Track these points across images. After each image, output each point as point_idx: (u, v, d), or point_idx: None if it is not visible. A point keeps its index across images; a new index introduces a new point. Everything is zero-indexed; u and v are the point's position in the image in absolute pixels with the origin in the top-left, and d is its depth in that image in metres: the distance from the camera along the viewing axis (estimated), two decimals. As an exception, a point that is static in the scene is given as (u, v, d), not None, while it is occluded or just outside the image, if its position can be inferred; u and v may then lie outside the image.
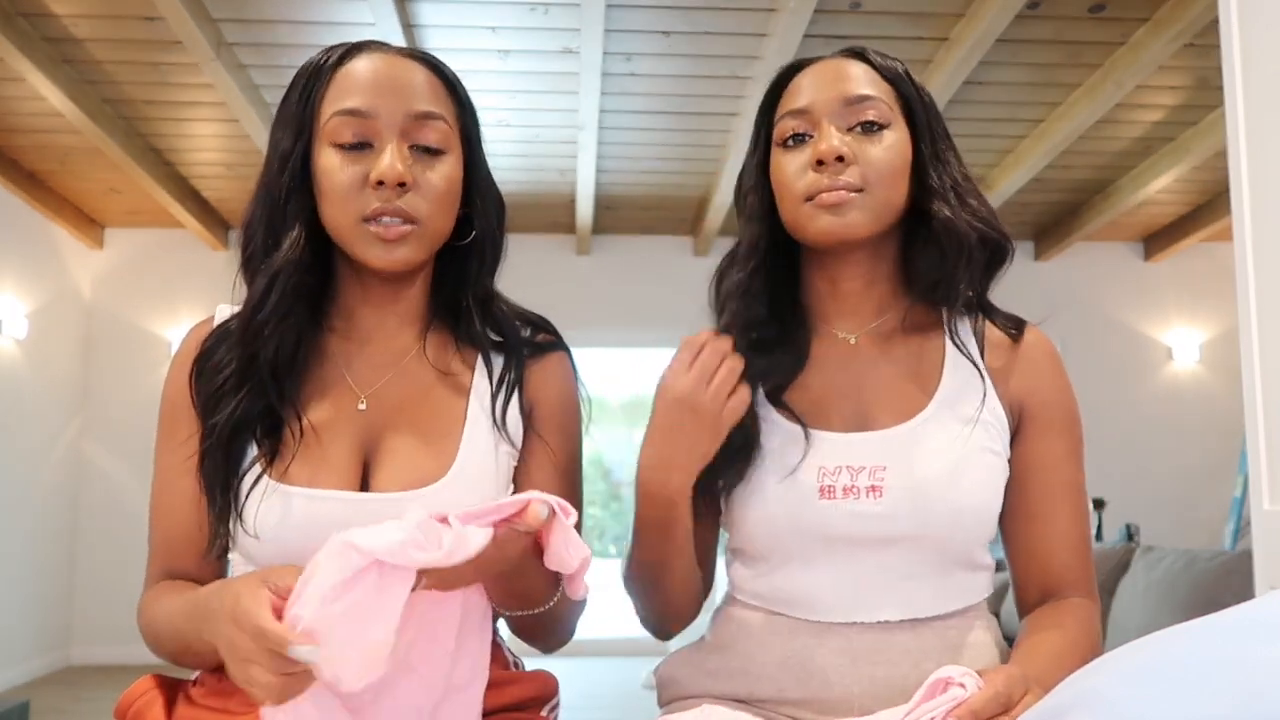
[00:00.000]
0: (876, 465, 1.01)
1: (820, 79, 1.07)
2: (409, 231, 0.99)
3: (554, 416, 1.11)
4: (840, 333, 1.10)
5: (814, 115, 1.04)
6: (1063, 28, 3.75)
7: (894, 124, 1.05)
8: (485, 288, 1.10)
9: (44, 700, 4.79)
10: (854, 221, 1.02)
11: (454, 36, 3.79)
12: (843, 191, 1.01)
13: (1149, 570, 3.38)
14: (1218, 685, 0.47)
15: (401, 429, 1.03)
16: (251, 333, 1.00)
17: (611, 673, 4.93)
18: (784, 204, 1.06)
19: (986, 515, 1.02)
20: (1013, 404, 1.06)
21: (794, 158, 1.05)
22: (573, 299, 6.02)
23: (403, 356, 1.07)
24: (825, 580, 1.02)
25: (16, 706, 2.80)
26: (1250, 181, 1.50)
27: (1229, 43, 1.54)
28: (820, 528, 1.01)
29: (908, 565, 1.01)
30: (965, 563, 1.03)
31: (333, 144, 0.99)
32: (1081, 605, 1.03)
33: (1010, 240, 1.07)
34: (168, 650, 0.99)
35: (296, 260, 1.00)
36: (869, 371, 1.08)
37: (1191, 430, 6.20)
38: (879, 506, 0.99)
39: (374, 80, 1.00)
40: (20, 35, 3.66)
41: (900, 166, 1.04)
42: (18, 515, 5.27)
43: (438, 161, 1.01)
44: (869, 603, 1.01)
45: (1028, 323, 1.11)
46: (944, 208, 1.04)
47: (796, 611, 1.03)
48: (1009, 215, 5.81)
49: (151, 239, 6.08)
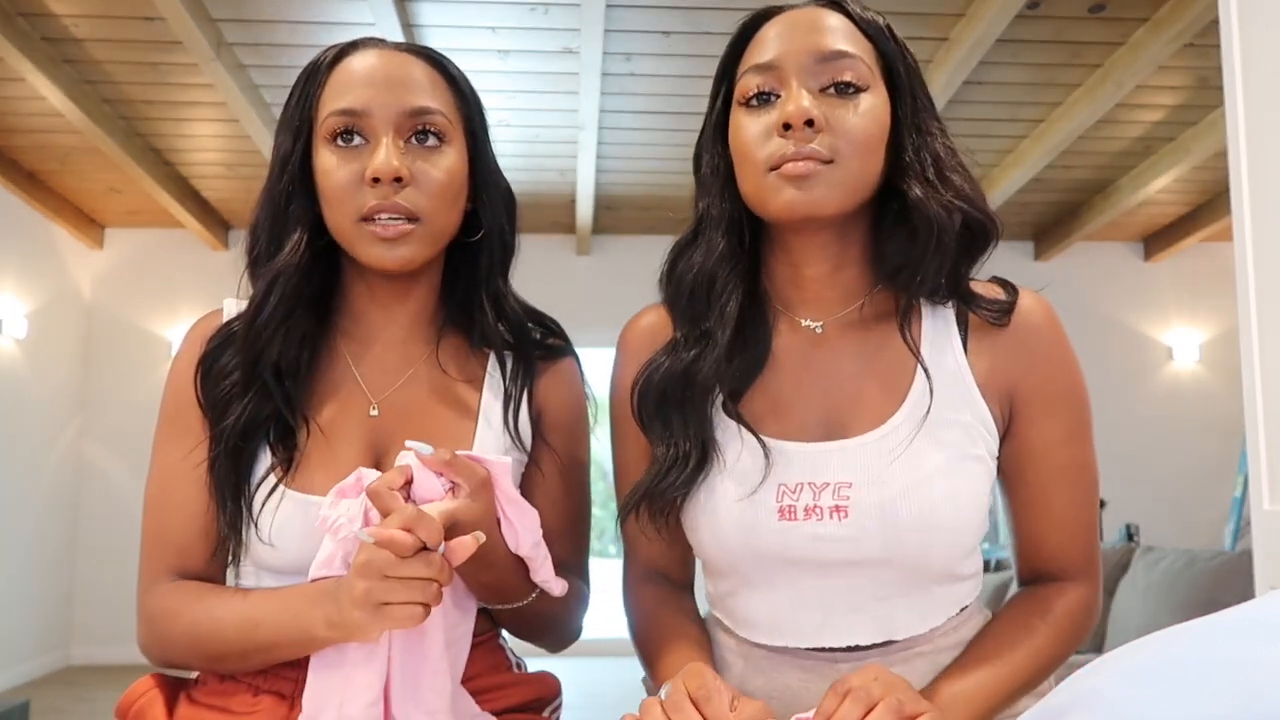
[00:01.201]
0: (841, 482, 0.91)
1: (790, 30, 0.93)
2: (409, 230, 0.96)
3: (562, 423, 1.10)
4: (805, 320, 0.98)
5: (782, 72, 0.91)
6: (1063, 28, 3.75)
7: (872, 87, 0.92)
8: (497, 285, 1.07)
9: (44, 700, 4.79)
10: (820, 197, 0.89)
11: (454, 36, 3.79)
12: (810, 162, 0.88)
13: (1149, 570, 3.38)
14: (1218, 685, 0.47)
15: (412, 436, 1.00)
16: (253, 336, 0.99)
17: (611, 673, 4.92)
18: (743, 172, 0.93)
19: (966, 530, 0.91)
20: (1000, 395, 0.95)
21: (757, 119, 0.91)
22: (573, 299, 6.00)
23: (415, 362, 1.06)
24: (785, 603, 0.94)
25: (16, 706, 2.80)
26: (1250, 181, 1.50)
27: (1229, 43, 1.54)
28: (779, 550, 0.91)
29: (877, 587, 0.92)
30: (944, 578, 0.94)
31: (329, 144, 0.98)
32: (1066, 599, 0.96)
33: (995, 221, 0.94)
34: (210, 654, 0.96)
35: (297, 263, 0.99)
36: (836, 368, 0.96)
37: (1191, 430, 6.20)
38: (843, 529, 0.89)
39: (368, 77, 0.98)
40: (20, 35, 3.66)
41: (876, 136, 0.91)
42: (18, 515, 5.28)
43: (436, 155, 0.99)
44: (836, 626, 0.93)
45: (1020, 292, 0.98)
46: (917, 185, 0.91)
47: (759, 636, 0.96)
48: (1009, 215, 5.82)
49: (151, 239, 6.08)
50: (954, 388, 0.94)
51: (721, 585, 1.00)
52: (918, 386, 0.94)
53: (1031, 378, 0.95)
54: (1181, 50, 3.79)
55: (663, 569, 1.07)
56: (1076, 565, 0.97)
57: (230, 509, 0.97)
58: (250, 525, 0.96)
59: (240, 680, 0.98)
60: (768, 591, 0.94)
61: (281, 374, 0.99)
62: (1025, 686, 0.92)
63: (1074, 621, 0.96)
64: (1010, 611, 0.97)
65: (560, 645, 1.11)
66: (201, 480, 0.99)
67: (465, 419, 1.04)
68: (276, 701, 0.96)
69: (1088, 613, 0.97)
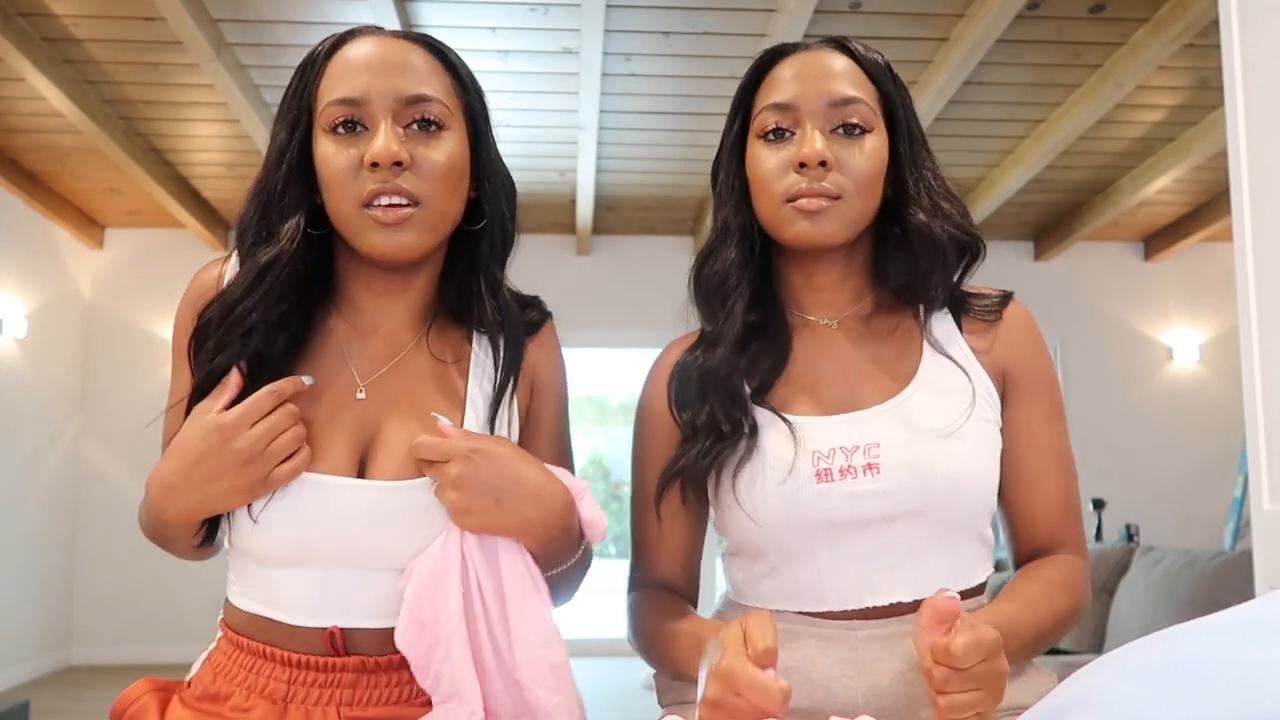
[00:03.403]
0: (870, 443, 1.00)
1: (805, 73, 1.05)
2: (410, 214, 0.96)
3: (550, 384, 1.13)
4: (821, 320, 1.11)
5: (798, 112, 1.04)
6: (1063, 28, 3.75)
7: (875, 128, 1.05)
8: (495, 275, 1.08)
9: (44, 700, 4.79)
10: (830, 231, 1.03)
11: (454, 36, 3.77)
12: (822, 199, 1.01)
13: (1149, 570, 3.38)
14: (1218, 685, 0.47)
15: (400, 418, 1.02)
16: (236, 319, 0.98)
17: (611, 673, 4.93)
18: (760, 200, 1.06)
19: (986, 481, 1.02)
20: (996, 373, 1.07)
21: (774, 154, 1.05)
22: (573, 299, 6.01)
23: (404, 346, 1.06)
24: (830, 569, 1.01)
25: (16, 706, 2.81)
26: (1250, 181, 1.50)
27: (1229, 43, 1.54)
28: (820, 514, 1.00)
29: (913, 543, 1.00)
30: (971, 534, 1.03)
31: (328, 132, 0.98)
32: (1066, 561, 1.05)
33: (981, 240, 1.08)
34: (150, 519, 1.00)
35: (292, 251, 0.99)
36: (853, 353, 1.08)
37: (1191, 430, 6.20)
38: (877, 484, 0.99)
39: (366, 65, 0.98)
40: (20, 35, 3.66)
41: (877, 173, 1.05)
42: (18, 515, 5.28)
43: (437, 139, 0.99)
44: (879, 585, 1.00)
45: (1012, 296, 1.12)
46: (919, 213, 1.05)
47: (805, 605, 1.02)
48: (1009, 215, 5.82)
49: (151, 239, 6.08)
50: (964, 358, 1.06)
51: (759, 566, 1.05)
52: (929, 355, 1.06)
53: (1020, 362, 1.08)
54: (1181, 50, 3.79)
55: (673, 581, 1.13)
56: (1072, 539, 1.07)
57: None
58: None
59: (233, 684, 0.99)
60: (810, 560, 1.02)
61: (262, 359, 0.98)
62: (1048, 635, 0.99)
63: (1083, 585, 1.05)
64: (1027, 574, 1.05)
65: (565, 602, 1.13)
66: None
67: (453, 400, 1.05)
68: (269, 706, 0.96)
69: (1087, 581, 1.06)
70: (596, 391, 10.24)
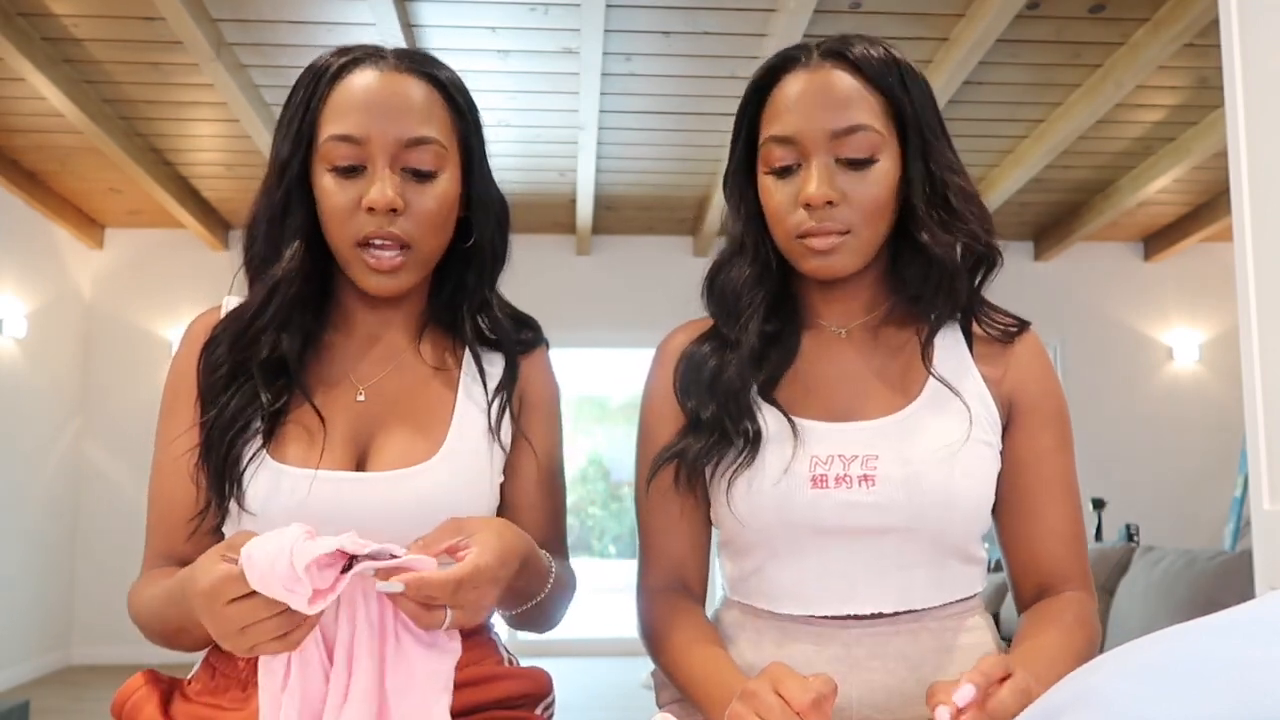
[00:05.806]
0: (869, 454, 1.00)
1: (807, 101, 1.02)
2: (401, 262, 1.02)
3: (539, 409, 1.14)
4: (831, 326, 1.11)
5: (802, 147, 1.01)
6: (1063, 28, 3.75)
7: (883, 151, 1.02)
8: (483, 295, 1.13)
9: (44, 700, 4.79)
10: (841, 264, 1.03)
11: (454, 36, 3.79)
12: (831, 237, 1.01)
13: (1149, 570, 3.38)
14: (1218, 685, 0.47)
15: (396, 419, 1.06)
16: (249, 339, 1.04)
17: (611, 673, 4.93)
18: (775, 231, 1.06)
19: (980, 504, 1.02)
20: (1003, 398, 1.06)
21: (782, 188, 1.03)
22: (573, 299, 6.02)
23: (400, 353, 1.11)
24: (816, 574, 1.01)
25: (16, 706, 2.81)
26: (1250, 181, 1.50)
27: (1229, 43, 1.54)
28: (810, 518, 1.00)
29: (901, 555, 1.00)
30: (960, 554, 1.02)
31: (328, 167, 1.02)
32: (1077, 599, 1.02)
33: (997, 251, 1.06)
34: (156, 634, 1.01)
35: (296, 270, 1.04)
36: (860, 362, 1.08)
37: (1191, 430, 6.20)
38: (870, 496, 0.99)
39: (366, 103, 1.02)
40: (20, 35, 3.66)
41: (887, 199, 1.02)
42: (18, 515, 5.28)
43: (430, 184, 1.03)
44: (862, 595, 1.00)
45: (1029, 326, 1.11)
46: (928, 232, 1.03)
47: (784, 606, 1.02)
48: (1009, 215, 5.82)
49: (151, 239, 6.08)
50: (964, 381, 1.05)
51: (747, 563, 1.05)
52: (933, 378, 1.05)
53: (1030, 390, 1.07)
54: (1181, 50, 3.79)
55: (683, 577, 1.11)
56: (1076, 575, 1.04)
57: (216, 484, 1.01)
58: (234, 492, 1.00)
59: (231, 676, 1.00)
60: (797, 562, 1.02)
61: (273, 369, 1.04)
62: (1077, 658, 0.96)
63: (1090, 623, 1.01)
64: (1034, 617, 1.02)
65: (549, 628, 1.15)
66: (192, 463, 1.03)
67: (444, 403, 1.08)
68: None
69: (1095, 621, 1.03)
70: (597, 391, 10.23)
